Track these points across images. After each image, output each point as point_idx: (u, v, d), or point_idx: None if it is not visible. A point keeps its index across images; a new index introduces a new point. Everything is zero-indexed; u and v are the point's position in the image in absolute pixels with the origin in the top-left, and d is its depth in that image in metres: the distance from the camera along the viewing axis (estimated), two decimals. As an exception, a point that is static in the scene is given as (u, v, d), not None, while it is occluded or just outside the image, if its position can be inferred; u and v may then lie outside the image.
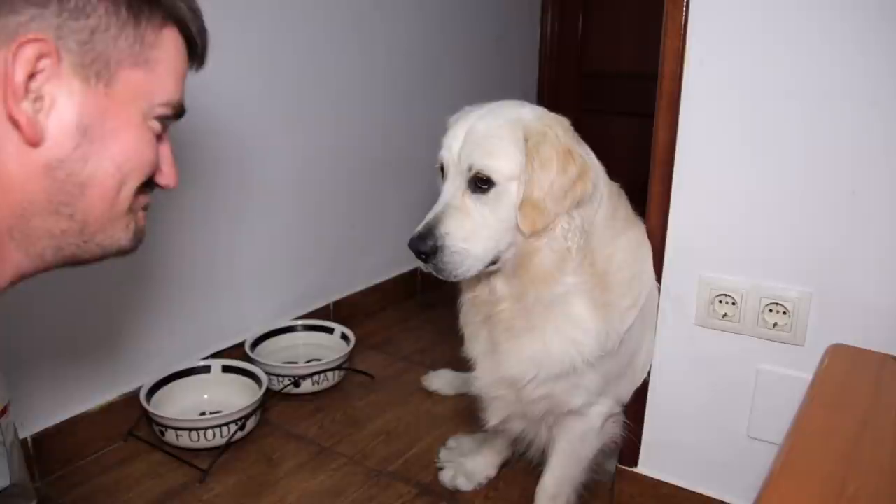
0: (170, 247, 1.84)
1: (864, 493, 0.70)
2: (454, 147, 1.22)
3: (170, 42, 0.76)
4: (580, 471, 1.45)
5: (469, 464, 1.65)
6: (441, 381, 2.06)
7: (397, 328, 2.50)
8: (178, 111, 0.81)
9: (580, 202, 1.21)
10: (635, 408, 1.48)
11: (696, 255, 1.34)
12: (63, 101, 0.68)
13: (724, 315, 1.33)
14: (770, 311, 1.28)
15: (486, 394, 1.42)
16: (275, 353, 2.10)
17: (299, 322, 2.22)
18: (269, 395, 1.87)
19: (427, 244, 1.18)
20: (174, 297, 1.89)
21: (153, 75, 0.75)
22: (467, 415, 1.83)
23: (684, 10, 1.25)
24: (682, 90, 1.28)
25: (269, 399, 1.90)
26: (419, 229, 1.20)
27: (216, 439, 1.70)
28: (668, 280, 1.38)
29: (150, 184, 0.80)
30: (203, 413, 1.79)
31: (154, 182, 0.81)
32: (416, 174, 2.54)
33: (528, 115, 1.23)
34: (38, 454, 1.60)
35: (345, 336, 2.14)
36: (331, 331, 2.19)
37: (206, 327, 1.99)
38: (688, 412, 1.42)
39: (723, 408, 1.38)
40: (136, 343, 1.81)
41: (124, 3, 0.71)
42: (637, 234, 1.38)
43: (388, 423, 1.90)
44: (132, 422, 1.78)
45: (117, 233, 0.78)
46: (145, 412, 1.73)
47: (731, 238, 1.30)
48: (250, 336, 2.07)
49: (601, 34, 3.27)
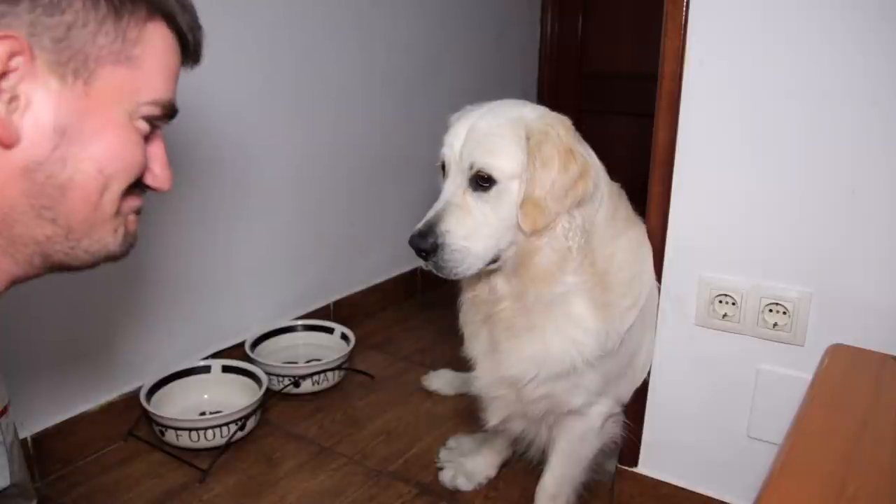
0: (169, 247, 1.84)
1: (864, 493, 0.70)
2: (455, 145, 1.22)
3: (156, 38, 0.73)
4: (580, 471, 1.45)
5: (469, 464, 1.65)
6: (441, 381, 2.06)
7: (397, 328, 2.50)
8: (169, 111, 0.77)
9: (581, 202, 1.21)
10: (635, 408, 1.48)
11: (696, 255, 1.34)
12: (39, 100, 0.66)
13: (724, 315, 1.33)
14: (770, 311, 1.28)
15: (486, 393, 1.42)
16: (275, 353, 2.10)
17: (299, 322, 2.22)
18: (269, 395, 1.87)
19: (427, 242, 1.18)
20: (174, 297, 1.88)
21: (138, 73, 0.71)
22: (467, 415, 1.83)
23: (684, 10, 1.25)
24: (682, 90, 1.28)
25: (269, 399, 1.90)
26: (420, 227, 1.19)
27: (216, 439, 1.71)
28: (668, 280, 1.38)
29: (140, 186, 0.78)
30: (203, 413, 1.79)
31: (145, 184, 0.78)
32: (416, 173, 2.54)
33: (530, 114, 1.23)
34: (38, 454, 1.60)
35: (345, 336, 2.14)
36: (331, 331, 2.19)
37: (206, 327, 1.99)
38: (688, 412, 1.43)
39: (723, 408, 1.38)
40: (136, 343, 1.81)
41: None
42: (637, 234, 1.38)
43: (388, 423, 1.90)
44: (132, 422, 1.78)
45: (105, 237, 0.75)
46: (145, 412, 1.73)
47: (731, 238, 1.30)
48: (250, 336, 2.07)
49: (601, 34, 3.27)
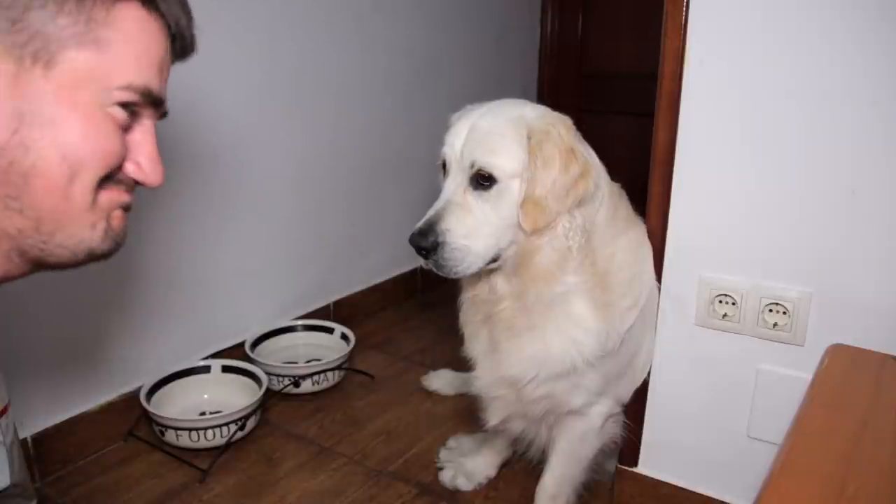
0: (168, 246, 1.84)
1: (864, 493, 0.70)
2: (456, 144, 1.22)
3: (129, 19, 0.69)
4: (580, 471, 1.45)
5: (469, 464, 1.65)
6: (441, 381, 2.06)
7: (397, 328, 2.50)
8: (151, 98, 0.73)
9: (582, 201, 1.21)
10: (635, 408, 1.48)
11: (696, 255, 1.34)
12: None
13: (724, 315, 1.33)
14: (770, 311, 1.28)
15: (486, 393, 1.42)
16: (275, 353, 2.10)
17: (299, 322, 2.22)
18: (269, 395, 1.87)
19: (428, 240, 1.18)
20: (174, 297, 1.88)
21: (107, 56, 0.68)
22: (467, 415, 1.83)
23: (684, 10, 1.25)
24: (682, 90, 1.28)
25: (269, 399, 1.90)
26: (420, 225, 1.19)
27: (216, 439, 1.70)
28: (668, 280, 1.38)
29: (125, 181, 0.74)
30: (203, 413, 1.79)
31: (133, 179, 0.75)
32: (417, 173, 2.54)
33: (531, 113, 1.23)
34: (38, 454, 1.60)
35: (345, 336, 2.14)
36: (331, 331, 2.19)
37: (206, 327, 1.99)
38: (688, 412, 1.43)
39: (723, 408, 1.38)
40: (136, 343, 1.80)
41: None
42: (638, 234, 1.38)
43: (388, 423, 1.90)
44: (132, 422, 1.78)
45: (81, 232, 0.71)
46: (145, 412, 1.73)
47: (731, 238, 1.30)
48: (250, 336, 2.07)
49: (601, 34, 3.27)
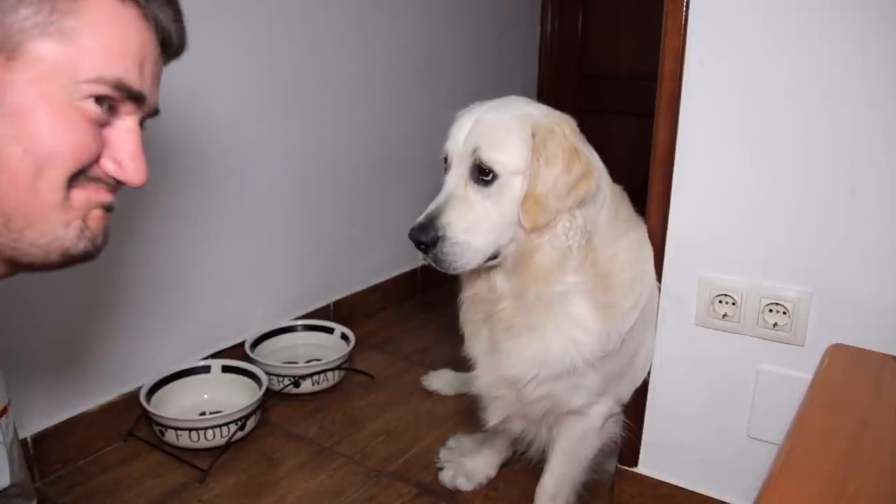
0: (168, 246, 1.84)
1: (864, 493, 0.70)
2: (459, 137, 1.22)
3: (98, 10, 0.67)
4: (580, 471, 1.45)
5: (469, 464, 1.65)
6: (441, 380, 2.06)
7: (397, 328, 2.50)
8: (128, 92, 0.70)
9: (582, 202, 1.21)
10: (635, 408, 1.48)
11: (696, 255, 1.34)
12: None
13: (724, 315, 1.33)
14: (770, 311, 1.28)
15: (486, 393, 1.42)
16: (275, 353, 2.10)
17: (299, 322, 2.22)
18: (269, 395, 1.87)
19: (428, 235, 1.18)
20: (174, 296, 1.88)
21: (74, 47, 0.65)
22: (467, 415, 1.83)
23: (684, 10, 1.25)
24: (682, 90, 1.28)
25: (269, 399, 1.90)
26: (420, 219, 1.19)
27: (216, 439, 1.70)
28: (668, 280, 1.38)
29: (106, 180, 0.72)
30: (203, 413, 1.79)
31: (114, 178, 0.72)
32: (417, 172, 2.54)
33: (537, 112, 1.23)
34: (38, 454, 1.60)
35: (345, 336, 2.14)
36: (331, 331, 2.19)
37: (206, 327, 1.99)
38: (688, 412, 1.43)
39: (723, 408, 1.38)
40: (136, 343, 1.80)
41: None
42: (639, 235, 1.38)
43: (388, 423, 1.90)
44: (132, 422, 1.78)
45: (54, 230, 0.69)
46: (145, 412, 1.73)
47: (730, 238, 1.30)
48: (250, 336, 2.07)
49: (601, 33, 3.27)
